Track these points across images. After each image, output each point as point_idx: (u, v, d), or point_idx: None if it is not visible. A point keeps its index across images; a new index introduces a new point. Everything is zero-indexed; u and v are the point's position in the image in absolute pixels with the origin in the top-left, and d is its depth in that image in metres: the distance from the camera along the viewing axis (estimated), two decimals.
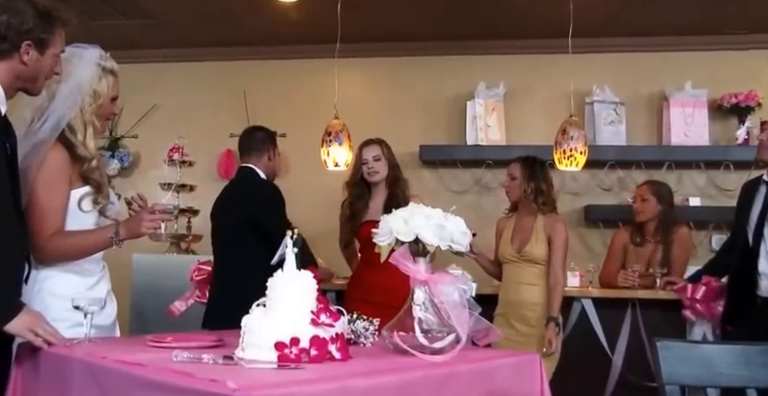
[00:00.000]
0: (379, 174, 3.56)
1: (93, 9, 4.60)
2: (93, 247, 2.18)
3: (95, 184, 2.18)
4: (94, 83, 2.21)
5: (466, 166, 5.16)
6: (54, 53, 2.00)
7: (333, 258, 4.21)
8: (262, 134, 3.63)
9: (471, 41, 5.12)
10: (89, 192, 2.18)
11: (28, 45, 1.93)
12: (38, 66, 1.98)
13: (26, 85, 2.00)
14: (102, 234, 2.17)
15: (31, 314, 1.85)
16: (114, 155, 5.46)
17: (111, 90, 2.27)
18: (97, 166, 2.20)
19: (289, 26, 4.92)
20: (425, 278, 1.81)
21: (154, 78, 5.47)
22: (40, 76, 2.00)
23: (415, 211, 1.78)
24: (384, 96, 5.37)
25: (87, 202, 2.18)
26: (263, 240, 3.16)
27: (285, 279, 1.71)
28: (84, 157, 2.16)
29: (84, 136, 2.18)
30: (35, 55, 1.95)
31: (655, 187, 4.04)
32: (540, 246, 3.51)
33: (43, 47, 1.96)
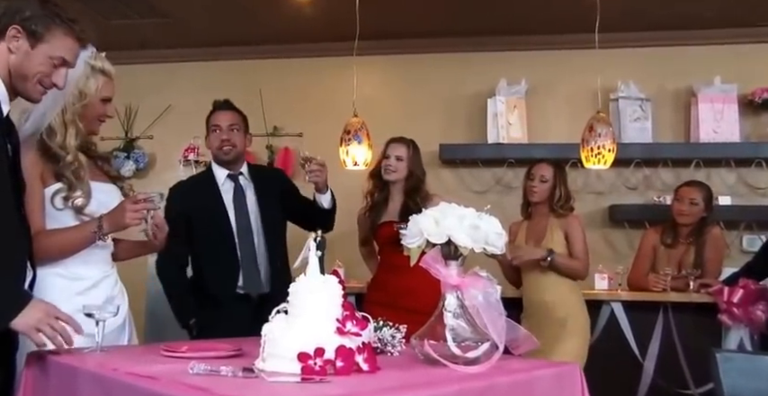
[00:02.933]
0: (395, 173, 3.47)
1: (108, 8, 4.54)
2: (77, 243, 2.10)
3: (67, 181, 2.09)
4: (81, 82, 2.13)
5: (487, 166, 5.03)
6: (49, 54, 1.86)
7: (352, 261, 4.11)
8: None
9: (492, 37, 4.98)
10: (61, 188, 2.10)
11: (16, 30, 1.81)
12: (27, 60, 1.84)
13: (16, 83, 1.86)
14: (85, 229, 2.09)
15: (38, 308, 1.72)
16: (129, 156, 5.41)
17: (100, 90, 2.19)
18: (72, 162, 2.10)
19: (305, 23, 4.81)
20: (458, 283, 1.69)
21: (168, 79, 5.41)
22: (28, 73, 1.85)
23: (447, 211, 1.65)
24: (403, 94, 5.25)
25: (59, 199, 2.10)
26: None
27: (308, 284, 1.59)
28: (58, 155, 2.08)
29: (64, 137, 2.10)
30: (25, 46, 1.83)
31: (704, 191, 3.90)
32: (557, 241, 3.43)
33: (35, 39, 1.84)
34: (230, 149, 3.11)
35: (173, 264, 3.10)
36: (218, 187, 3.15)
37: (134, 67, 5.43)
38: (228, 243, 3.07)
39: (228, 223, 3.09)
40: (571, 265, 3.40)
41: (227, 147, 3.10)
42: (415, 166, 3.51)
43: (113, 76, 2.25)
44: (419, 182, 3.50)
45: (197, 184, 3.27)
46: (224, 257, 3.05)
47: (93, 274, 2.18)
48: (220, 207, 3.11)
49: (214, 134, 3.14)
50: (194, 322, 3.05)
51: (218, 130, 3.12)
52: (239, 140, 3.14)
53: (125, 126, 5.47)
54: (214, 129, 3.14)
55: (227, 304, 3.01)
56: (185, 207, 3.10)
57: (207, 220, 3.09)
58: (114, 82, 2.27)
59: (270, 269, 3.10)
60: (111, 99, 2.25)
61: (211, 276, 3.08)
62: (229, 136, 3.11)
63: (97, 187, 2.20)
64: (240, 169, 3.19)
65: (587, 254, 3.46)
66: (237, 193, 3.15)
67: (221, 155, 3.13)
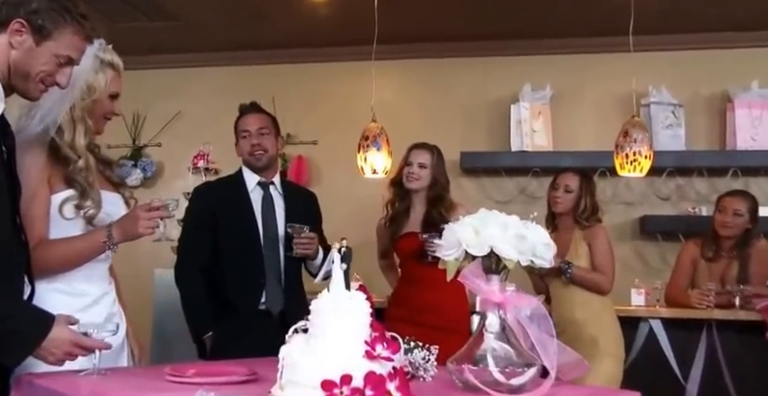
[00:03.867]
0: (417, 182, 3.29)
1: (115, 10, 4.39)
2: (84, 254, 1.92)
3: (79, 188, 1.91)
4: (90, 76, 1.96)
5: (510, 175, 4.83)
6: (54, 52, 1.68)
7: (371, 274, 3.90)
8: None
9: (515, 41, 4.81)
10: (71, 196, 1.91)
11: (19, 24, 1.63)
12: (30, 57, 1.66)
13: (16, 82, 1.69)
14: (93, 238, 1.90)
15: (63, 338, 1.58)
16: (137, 164, 5.27)
17: (109, 85, 2.02)
18: (84, 167, 1.92)
19: (321, 26, 4.65)
20: (501, 300, 1.48)
21: (178, 84, 5.27)
22: (31, 71, 1.67)
23: (489, 219, 1.45)
24: (422, 100, 5.07)
25: (69, 207, 1.91)
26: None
27: (332, 301, 1.38)
28: (69, 157, 1.90)
29: (73, 135, 1.93)
30: (29, 42, 1.65)
31: (749, 201, 3.68)
32: (581, 254, 3.24)
33: (40, 36, 1.65)
34: (262, 154, 2.93)
35: (193, 264, 2.90)
36: (248, 192, 2.96)
37: (142, 72, 5.30)
38: (255, 254, 2.87)
39: (256, 231, 2.89)
40: (592, 279, 3.20)
41: (259, 152, 2.93)
42: (438, 174, 3.33)
43: (122, 70, 2.09)
44: (443, 190, 3.33)
45: (225, 185, 3.09)
46: (249, 269, 2.85)
47: (94, 291, 2.00)
48: (249, 213, 2.91)
49: (244, 140, 2.96)
50: (208, 337, 2.84)
51: (248, 135, 2.95)
52: (270, 145, 2.96)
53: (132, 133, 5.34)
54: (244, 134, 2.96)
55: (246, 319, 2.81)
56: (212, 204, 2.93)
57: (234, 223, 2.90)
58: (122, 87, 2.12)
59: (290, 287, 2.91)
60: (118, 95, 2.09)
61: (233, 288, 2.86)
62: (260, 140, 2.93)
63: (103, 197, 2.00)
64: (272, 178, 3.01)
65: (612, 267, 3.26)
66: (266, 201, 2.96)
67: (253, 161, 2.95)
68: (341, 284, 1.40)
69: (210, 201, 2.97)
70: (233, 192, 2.97)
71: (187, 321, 2.89)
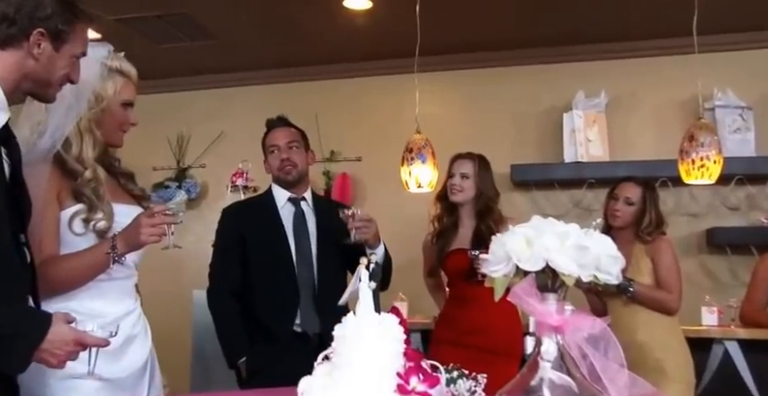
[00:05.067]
0: (461, 194, 3.10)
1: (158, 32, 4.41)
2: (90, 267, 1.81)
3: (87, 200, 1.81)
4: (97, 85, 1.87)
5: (564, 187, 4.59)
6: (72, 53, 1.63)
7: (417, 294, 3.75)
8: None
9: (567, 47, 4.59)
10: (80, 209, 1.81)
11: (40, 33, 1.55)
12: (51, 64, 1.59)
13: (36, 90, 1.63)
14: (97, 251, 1.79)
15: (63, 337, 1.46)
16: (181, 186, 5.22)
17: (119, 93, 1.93)
18: (92, 178, 1.82)
19: (361, 40, 4.53)
20: (559, 322, 1.26)
21: (221, 105, 5.24)
22: (53, 78, 1.62)
23: (543, 228, 1.23)
24: (469, 112, 4.89)
25: (78, 222, 1.81)
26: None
27: (358, 326, 1.18)
28: (76, 170, 1.82)
29: (80, 147, 1.84)
30: (48, 49, 1.58)
31: None
32: (644, 270, 2.98)
33: (60, 41, 1.59)
34: (291, 169, 2.81)
35: (225, 288, 2.79)
36: (278, 210, 2.83)
37: (186, 93, 5.37)
38: (287, 272, 2.72)
39: (288, 249, 2.75)
40: (657, 297, 2.93)
41: (288, 166, 2.80)
42: (484, 185, 3.13)
43: (134, 77, 1.99)
44: (490, 202, 3.12)
45: (254, 204, 2.99)
46: (281, 288, 2.70)
47: (112, 310, 1.87)
48: (280, 230, 2.78)
49: (272, 155, 2.85)
50: (244, 362, 2.69)
51: (277, 150, 2.84)
52: (300, 159, 2.84)
53: (177, 155, 5.33)
54: (272, 149, 2.86)
55: (282, 343, 2.66)
56: (241, 225, 2.82)
57: (264, 243, 2.77)
58: (135, 94, 2.01)
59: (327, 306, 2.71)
60: (132, 104, 1.98)
61: (266, 309, 2.72)
62: (289, 154, 2.82)
63: (120, 210, 1.90)
64: (303, 194, 2.87)
65: (679, 284, 2.98)
66: (298, 218, 2.82)
67: (283, 176, 2.83)
68: (369, 306, 1.21)
69: (239, 221, 2.86)
70: (262, 210, 2.85)
71: (222, 347, 2.76)
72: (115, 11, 4.08)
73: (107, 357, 1.78)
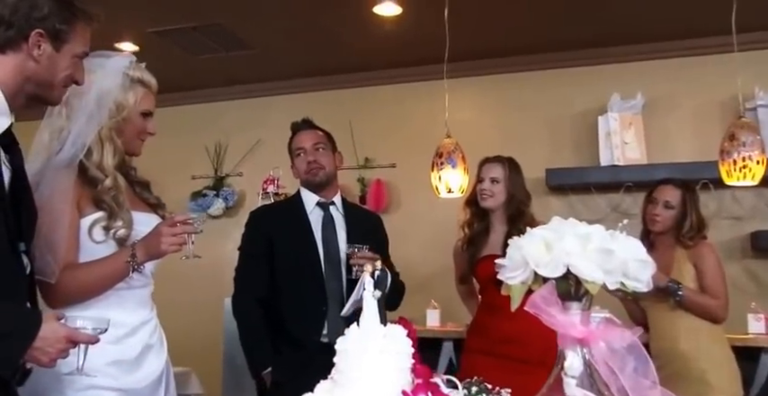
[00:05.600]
0: (492, 199, 2.99)
1: (194, 43, 4.46)
2: (109, 276, 1.79)
3: (107, 208, 1.81)
4: (119, 94, 1.88)
5: (601, 191, 4.44)
6: (73, 52, 1.61)
7: (450, 301, 3.68)
8: None
9: (600, 49, 4.47)
10: (100, 217, 1.80)
11: (39, 35, 1.53)
12: (52, 65, 1.57)
13: (40, 92, 1.61)
14: (117, 259, 1.78)
15: (54, 335, 1.43)
16: (219, 194, 5.26)
17: (139, 103, 1.93)
18: (112, 186, 1.82)
19: (392, 45, 4.48)
20: (583, 335, 1.15)
21: (257, 113, 5.27)
22: (55, 79, 1.60)
23: (564, 229, 1.13)
24: (501, 117, 4.79)
25: (98, 229, 1.80)
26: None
27: (361, 340, 1.09)
28: (97, 178, 1.82)
29: (101, 155, 1.84)
30: (48, 49, 1.55)
31: None
32: (686, 276, 2.82)
33: (59, 41, 1.57)
34: (318, 170, 2.74)
35: (251, 295, 2.70)
36: (306, 214, 2.75)
37: (222, 103, 5.45)
38: (315, 281, 2.63)
39: (316, 255, 2.67)
40: (704, 303, 2.78)
41: (315, 168, 2.73)
42: (515, 188, 3.01)
43: (154, 87, 2.01)
44: (522, 206, 3.00)
45: (282, 208, 2.95)
46: (309, 297, 2.61)
47: (130, 320, 1.85)
48: (308, 236, 2.70)
49: (299, 158, 2.79)
50: (268, 373, 2.61)
51: (303, 152, 2.77)
52: (327, 161, 2.77)
53: (215, 163, 5.38)
54: (298, 152, 2.79)
55: (308, 354, 2.53)
56: (268, 229, 2.75)
57: (292, 247, 2.69)
58: (155, 104, 2.03)
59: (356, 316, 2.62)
60: (152, 113, 1.99)
61: (293, 318, 2.64)
62: (315, 157, 2.75)
63: (138, 218, 1.88)
64: (332, 198, 2.80)
65: (724, 290, 2.83)
66: (327, 222, 2.75)
67: (311, 177, 2.76)
68: (373, 317, 1.12)
69: (266, 225, 2.78)
70: (290, 214, 2.77)
71: (246, 357, 2.69)
72: (152, 23, 4.16)
73: (124, 367, 1.79)
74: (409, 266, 4.15)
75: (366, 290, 1.14)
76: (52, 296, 1.75)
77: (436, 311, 4.03)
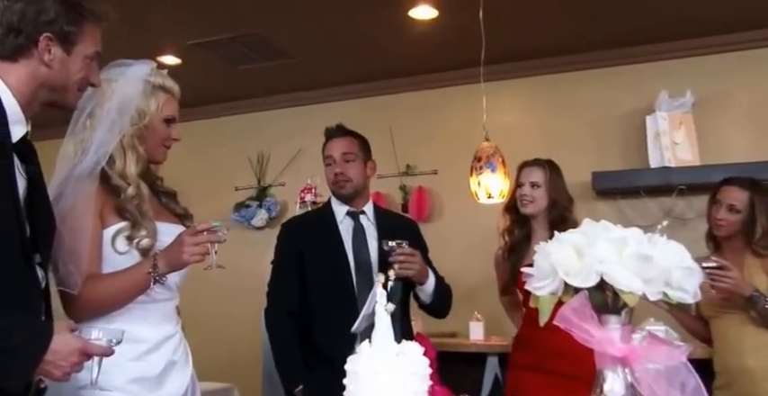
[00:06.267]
0: (532, 205, 2.86)
1: (234, 54, 4.46)
2: (129, 288, 1.74)
3: (130, 217, 1.77)
4: (140, 101, 1.84)
5: (651, 195, 4.23)
6: (85, 53, 1.57)
7: (494, 313, 3.55)
8: None
9: (644, 46, 4.28)
10: (123, 227, 1.76)
11: (48, 38, 1.50)
12: (64, 68, 1.54)
13: (55, 97, 1.58)
14: (138, 270, 1.73)
15: (67, 348, 1.37)
16: (262, 205, 5.23)
17: (161, 109, 1.89)
18: (135, 195, 1.78)
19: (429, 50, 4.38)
20: (624, 352, 1.02)
21: (298, 122, 5.22)
22: (69, 83, 1.57)
23: (596, 233, 1.01)
24: (543, 120, 4.63)
25: (121, 240, 1.76)
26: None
27: (373, 359, 0.99)
28: (120, 186, 1.78)
29: (124, 163, 1.81)
30: (59, 53, 1.52)
31: None
32: (759, 287, 2.53)
33: (69, 43, 1.54)
34: (345, 183, 2.65)
35: (282, 309, 2.63)
36: (337, 224, 2.67)
37: (263, 113, 5.45)
38: (346, 291, 2.54)
39: (347, 266, 2.58)
40: None
41: (342, 181, 2.65)
42: (556, 192, 2.87)
43: (177, 93, 1.95)
44: (564, 211, 2.86)
45: (313, 219, 2.86)
46: (340, 309, 2.49)
47: (153, 335, 1.80)
48: (339, 247, 2.61)
49: (328, 168, 2.71)
50: (300, 390, 2.53)
51: (332, 162, 2.69)
52: (355, 172, 2.67)
53: (257, 174, 5.36)
54: (327, 161, 2.72)
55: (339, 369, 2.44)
56: (297, 240, 2.68)
57: (321, 258, 2.61)
58: (178, 110, 1.97)
59: None
60: (175, 119, 1.95)
61: (323, 331, 2.55)
62: (343, 168, 2.65)
63: (163, 229, 1.84)
64: (363, 207, 2.71)
65: None
66: (358, 233, 2.66)
67: (336, 190, 2.69)
68: (386, 334, 1.01)
69: (296, 236, 2.71)
70: (320, 225, 2.69)
71: (278, 373, 2.60)
72: (192, 35, 4.17)
73: (146, 385, 1.74)
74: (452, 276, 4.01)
75: (378, 302, 1.03)
76: (74, 308, 1.71)
77: (480, 324, 3.88)
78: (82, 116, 1.83)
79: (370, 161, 2.77)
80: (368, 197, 2.75)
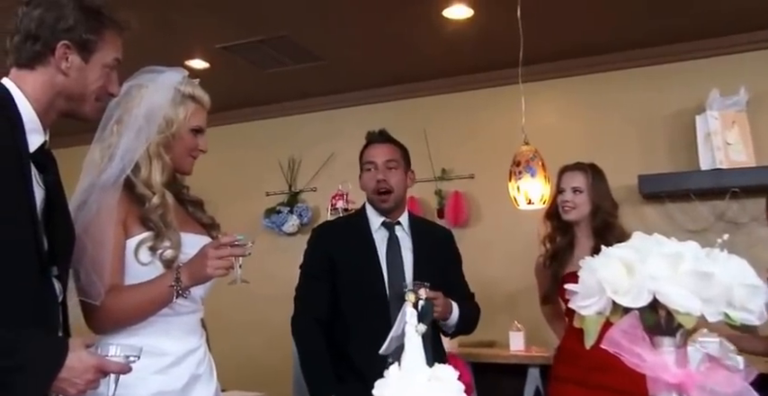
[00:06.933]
0: (574, 211, 2.75)
1: (262, 57, 4.39)
2: (152, 301, 1.70)
3: (154, 227, 1.73)
4: (169, 109, 1.80)
5: (703, 198, 4.05)
6: (103, 62, 1.53)
7: (535, 323, 3.41)
8: None
9: (693, 42, 4.10)
10: (147, 237, 1.71)
11: (65, 46, 1.47)
12: (82, 77, 1.51)
13: (71, 107, 1.54)
14: (161, 283, 1.68)
15: (82, 365, 1.33)
16: (293, 211, 5.16)
17: (189, 119, 1.85)
18: (160, 204, 1.73)
19: (465, 50, 4.28)
20: (680, 379, 0.92)
21: (330, 126, 5.16)
22: (87, 92, 1.53)
23: (648, 248, 0.91)
24: (585, 121, 4.48)
25: (144, 250, 1.71)
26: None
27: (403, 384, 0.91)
28: (145, 195, 1.74)
29: (149, 171, 1.76)
30: (76, 61, 1.49)
31: None
32: None
33: (87, 51, 1.50)
34: (387, 197, 2.55)
35: (311, 317, 2.53)
36: (371, 233, 2.58)
37: (294, 117, 5.39)
38: (379, 304, 2.44)
39: (380, 278, 2.49)
40: None
41: (384, 190, 2.55)
42: (599, 198, 2.75)
43: (206, 104, 1.91)
44: (608, 217, 2.73)
45: (347, 225, 2.74)
46: (373, 322, 2.39)
47: (176, 349, 1.76)
48: (372, 256, 2.52)
49: (368, 173, 2.59)
50: None
51: (373, 168, 2.58)
52: (397, 181, 2.57)
53: (288, 179, 5.29)
54: (368, 167, 2.60)
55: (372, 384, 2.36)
56: (330, 247, 2.59)
57: (354, 269, 2.52)
58: (206, 121, 1.93)
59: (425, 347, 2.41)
60: (203, 130, 1.90)
61: (355, 345, 2.46)
62: (386, 176, 2.55)
63: (188, 240, 1.79)
64: (398, 217, 2.61)
65: None
66: (392, 244, 2.56)
67: (378, 202, 2.58)
68: (417, 356, 0.93)
69: (328, 243, 2.62)
70: (354, 232, 2.59)
71: (307, 384, 2.50)
72: (219, 39, 4.12)
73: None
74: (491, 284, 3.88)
75: (408, 323, 0.95)
76: (95, 320, 1.68)
77: (520, 334, 3.76)
78: (110, 122, 1.80)
79: (410, 171, 2.68)
80: (404, 208, 2.66)
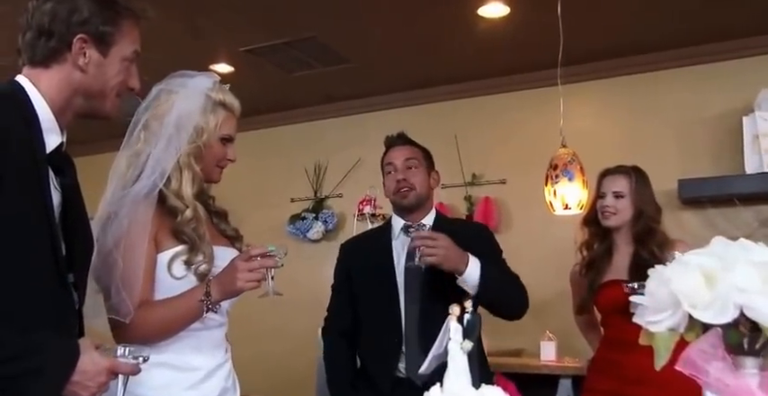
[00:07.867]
0: (615, 217, 2.63)
1: (288, 60, 4.31)
2: (182, 317, 1.66)
3: (188, 241, 1.68)
4: (199, 117, 1.73)
5: (747, 203, 3.89)
6: (122, 55, 1.45)
7: (568, 332, 3.28)
8: None
9: (741, 40, 3.94)
10: (180, 251, 1.68)
11: (82, 40, 1.38)
12: (101, 73, 1.42)
13: (91, 105, 1.45)
14: (190, 298, 1.64)
15: (94, 368, 1.29)
16: (318, 217, 5.06)
17: (220, 127, 1.78)
18: (193, 217, 1.67)
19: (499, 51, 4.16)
20: None
21: (357, 131, 5.06)
22: (107, 88, 1.44)
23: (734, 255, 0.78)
24: (624, 124, 4.34)
25: (179, 264, 1.66)
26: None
27: None
28: (177, 207, 1.69)
29: (180, 183, 1.72)
30: (95, 56, 1.40)
31: None
32: None
33: (105, 44, 1.41)
34: (407, 192, 2.44)
35: (334, 332, 2.56)
36: (391, 242, 2.50)
37: (321, 122, 5.35)
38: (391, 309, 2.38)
39: (394, 286, 2.40)
40: None
41: (405, 188, 2.45)
42: (643, 203, 2.62)
43: (237, 111, 1.83)
44: (651, 222, 2.61)
45: (370, 238, 2.68)
46: (385, 330, 2.38)
47: (206, 363, 1.73)
48: (386, 263, 2.45)
49: (389, 176, 2.51)
50: None
51: (393, 169, 2.49)
52: (419, 180, 2.46)
53: (314, 185, 5.21)
54: (388, 169, 2.53)
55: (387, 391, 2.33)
56: (349, 263, 2.57)
57: (367, 278, 2.48)
58: (236, 130, 1.86)
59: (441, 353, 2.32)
60: (232, 139, 1.83)
61: (367, 351, 2.47)
62: (406, 175, 2.45)
63: (218, 253, 1.74)
64: (422, 219, 2.50)
65: None
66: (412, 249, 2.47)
67: (399, 200, 2.48)
68: (461, 378, 0.81)
69: (348, 258, 2.60)
70: (375, 244, 2.54)
71: None
72: (244, 41, 4.05)
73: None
74: None
75: (452, 340, 0.83)
76: (122, 335, 1.63)
77: (552, 344, 3.63)
78: (137, 128, 1.73)
79: (434, 171, 2.57)
80: (429, 209, 2.54)
